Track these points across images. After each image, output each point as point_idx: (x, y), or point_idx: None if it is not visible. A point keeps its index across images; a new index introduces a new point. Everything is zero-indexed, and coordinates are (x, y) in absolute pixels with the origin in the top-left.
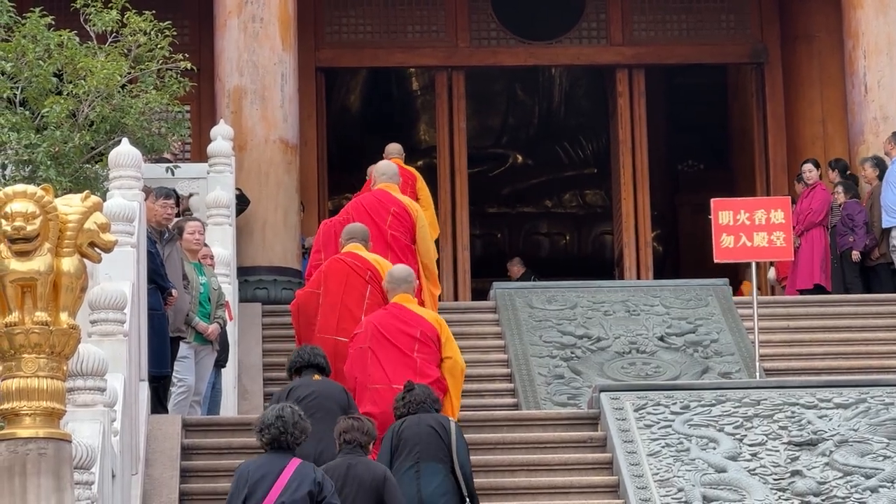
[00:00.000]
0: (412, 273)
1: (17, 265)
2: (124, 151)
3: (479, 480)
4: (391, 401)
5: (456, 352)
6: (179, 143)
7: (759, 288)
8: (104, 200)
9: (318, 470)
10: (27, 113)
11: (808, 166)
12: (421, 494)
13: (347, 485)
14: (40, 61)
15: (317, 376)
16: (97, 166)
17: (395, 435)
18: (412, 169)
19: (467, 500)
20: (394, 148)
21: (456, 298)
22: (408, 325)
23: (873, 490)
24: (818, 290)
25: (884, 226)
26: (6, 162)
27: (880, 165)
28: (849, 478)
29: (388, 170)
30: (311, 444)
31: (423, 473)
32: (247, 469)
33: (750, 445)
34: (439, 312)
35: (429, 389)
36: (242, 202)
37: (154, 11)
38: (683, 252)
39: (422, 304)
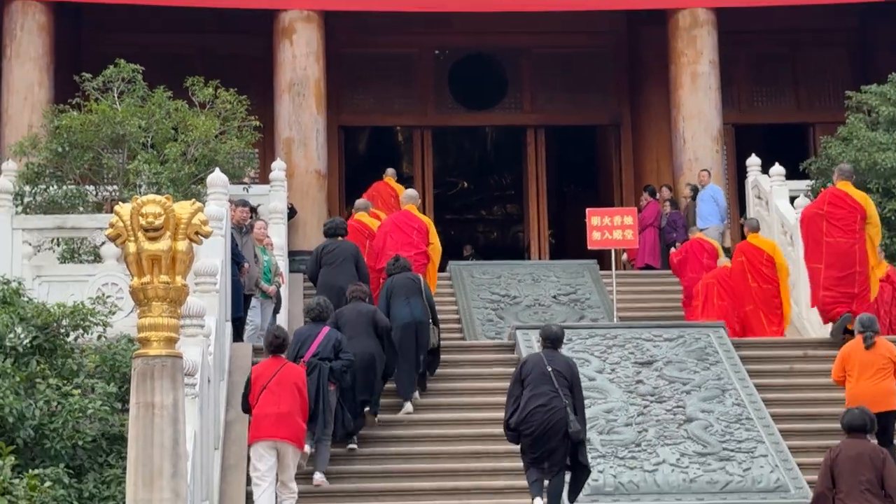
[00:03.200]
0: (417, 195)
1: (149, 246)
2: (216, 177)
3: (437, 385)
4: None
5: (436, 240)
6: (252, 172)
7: (616, 265)
8: (204, 207)
9: (338, 333)
10: (154, 152)
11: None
12: (413, 314)
13: (357, 316)
14: (163, 119)
15: (339, 238)
16: (199, 186)
17: (388, 287)
18: (399, 186)
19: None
20: (390, 171)
21: None
22: (412, 220)
23: (688, 392)
24: (648, 267)
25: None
26: (141, 183)
27: (694, 189)
28: (673, 385)
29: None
30: (334, 279)
31: (411, 303)
32: (300, 331)
33: (610, 364)
34: None
35: (406, 261)
36: (293, 212)
37: (235, 88)
38: (568, 243)
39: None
